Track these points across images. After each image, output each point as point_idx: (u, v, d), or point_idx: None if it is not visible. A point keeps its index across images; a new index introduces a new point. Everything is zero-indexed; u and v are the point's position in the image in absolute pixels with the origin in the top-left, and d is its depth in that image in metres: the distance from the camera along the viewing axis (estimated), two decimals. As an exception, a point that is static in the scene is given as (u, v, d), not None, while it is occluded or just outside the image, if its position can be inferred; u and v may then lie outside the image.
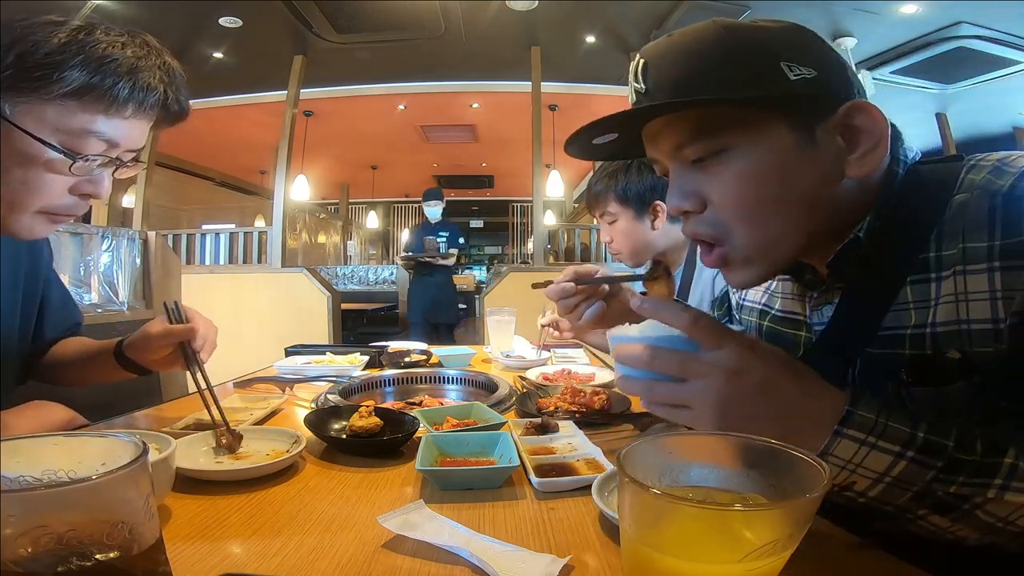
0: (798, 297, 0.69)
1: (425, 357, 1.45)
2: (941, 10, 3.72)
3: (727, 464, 0.40)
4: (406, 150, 7.93)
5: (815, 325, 0.65)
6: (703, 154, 0.55)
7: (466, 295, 11.38)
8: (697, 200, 0.57)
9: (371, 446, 0.78)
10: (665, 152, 0.59)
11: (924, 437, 0.44)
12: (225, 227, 5.39)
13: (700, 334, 0.48)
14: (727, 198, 0.55)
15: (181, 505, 0.59)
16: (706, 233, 0.58)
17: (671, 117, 0.56)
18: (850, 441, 0.45)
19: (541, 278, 0.96)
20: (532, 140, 4.53)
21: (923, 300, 0.52)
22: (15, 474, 0.34)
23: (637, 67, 0.57)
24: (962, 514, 0.45)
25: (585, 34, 4.43)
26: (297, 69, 4.61)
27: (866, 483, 0.46)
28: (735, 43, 0.53)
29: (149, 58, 0.70)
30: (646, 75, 0.56)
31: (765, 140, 0.53)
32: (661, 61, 0.56)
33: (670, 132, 0.57)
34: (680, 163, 0.58)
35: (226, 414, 0.93)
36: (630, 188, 1.38)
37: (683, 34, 0.56)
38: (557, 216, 9.12)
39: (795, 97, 0.52)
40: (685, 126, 0.55)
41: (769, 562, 0.32)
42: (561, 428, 0.82)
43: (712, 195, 0.56)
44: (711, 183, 0.56)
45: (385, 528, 0.52)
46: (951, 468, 0.44)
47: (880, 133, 0.53)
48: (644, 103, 0.56)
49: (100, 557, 0.31)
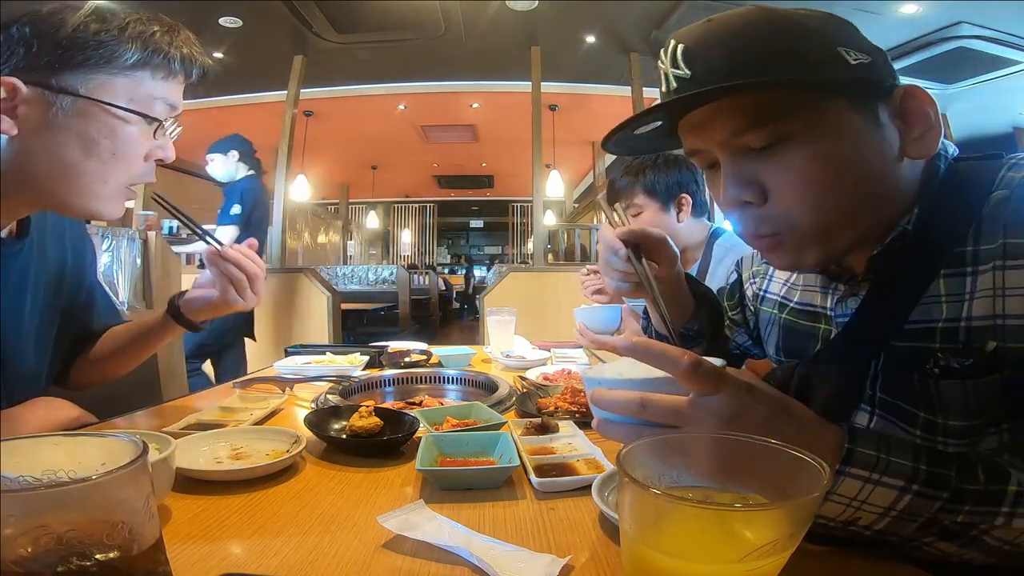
0: (820, 289, 0.69)
1: (425, 357, 1.45)
2: (941, 10, 3.72)
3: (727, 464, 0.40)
4: (406, 150, 7.93)
5: (838, 318, 0.64)
6: (768, 141, 0.53)
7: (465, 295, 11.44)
8: (758, 190, 0.55)
9: (371, 446, 0.78)
10: (716, 141, 0.56)
11: (927, 470, 0.44)
12: (225, 227, 5.39)
13: (697, 382, 0.45)
14: (794, 186, 0.53)
15: (181, 505, 0.59)
16: (768, 229, 0.56)
17: (725, 104, 0.54)
18: (854, 480, 0.44)
19: (541, 278, 0.96)
20: (532, 140, 4.53)
21: (957, 294, 0.52)
22: (15, 474, 0.34)
23: (675, 52, 0.55)
24: (969, 540, 0.45)
25: (585, 34, 4.43)
26: (297, 69, 4.60)
27: (872, 518, 0.45)
28: (789, 28, 0.52)
29: (176, 31, 0.75)
30: (688, 60, 0.54)
31: (834, 124, 0.52)
32: (706, 46, 0.53)
33: (724, 120, 0.54)
34: (735, 152, 0.55)
35: (226, 414, 0.94)
36: (658, 181, 1.45)
37: (726, 19, 0.54)
38: (557, 216, 9.12)
39: (863, 81, 0.52)
40: (743, 113, 0.53)
41: (769, 562, 0.32)
42: (561, 428, 0.82)
43: (776, 183, 0.54)
44: (774, 171, 0.54)
45: (385, 528, 0.52)
46: (956, 498, 0.43)
47: (935, 115, 0.53)
48: (690, 89, 0.53)
49: (100, 557, 0.31)
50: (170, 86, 0.74)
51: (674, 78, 0.55)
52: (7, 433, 0.35)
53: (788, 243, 0.56)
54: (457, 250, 15.22)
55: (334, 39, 4.33)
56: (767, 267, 0.84)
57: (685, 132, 0.60)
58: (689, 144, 0.60)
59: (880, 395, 0.58)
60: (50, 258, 0.89)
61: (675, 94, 0.55)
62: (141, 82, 0.71)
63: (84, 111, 0.68)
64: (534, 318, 3.77)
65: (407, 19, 4.06)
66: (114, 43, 0.68)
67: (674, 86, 0.55)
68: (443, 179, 10.47)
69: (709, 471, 0.41)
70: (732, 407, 0.45)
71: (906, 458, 0.44)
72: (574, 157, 7.62)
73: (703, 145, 0.58)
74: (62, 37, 0.66)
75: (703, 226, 1.51)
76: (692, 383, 0.45)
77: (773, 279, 0.82)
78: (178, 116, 0.78)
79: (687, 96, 0.52)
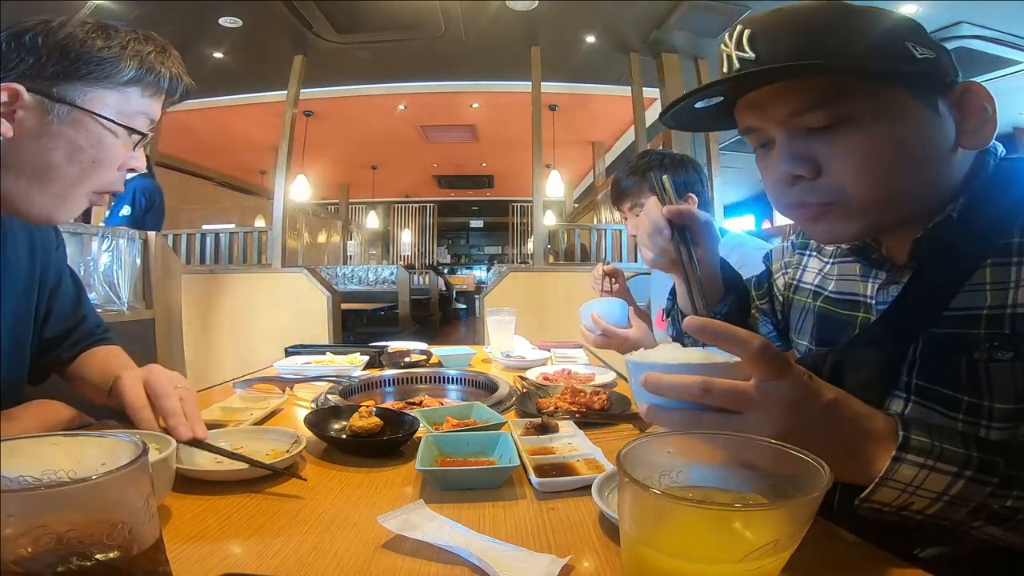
0: (860, 278, 0.70)
1: (425, 357, 1.45)
2: (941, 10, 3.72)
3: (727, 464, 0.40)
4: (406, 150, 7.93)
5: (878, 305, 0.66)
6: (828, 121, 0.56)
7: (466, 295, 11.45)
8: (812, 166, 0.57)
9: (371, 446, 0.78)
10: (776, 119, 0.59)
11: (978, 456, 0.46)
12: (225, 227, 5.39)
13: (764, 366, 0.45)
14: (851, 164, 0.56)
15: (181, 505, 0.59)
16: (817, 199, 0.58)
17: (788, 85, 0.57)
18: (910, 466, 0.46)
19: (541, 278, 0.96)
20: (532, 140, 4.53)
21: (1002, 282, 0.54)
22: (15, 474, 0.34)
23: (741, 36, 0.57)
24: (1015, 524, 0.46)
25: (585, 34, 4.43)
26: (297, 69, 4.60)
27: (924, 503, 0.47)
28: (860, 20, 0.55)
29: (167, 52, 0.80)
30: (754, 43, 0.56)
31: (894, 110, 0.55)
32: (774, 31, 0.56)
33: (786, 99, 0.57)
34: (792, 130, 0.58)
35: (226, 414, 0.94)
36: None
37: (796, 9, 0.57)
38: (557, 216, 9.12)
39: (926, 74, 0.55)
40: (806, 94, 0.56)
41: (769, 562, 0.32)
42: (561, 428, 0.82)
43: (831, 161, 0.57)
44: (831, 150, 0.56)
45: (385, 528, 0.52)
46: (1006, 483, 0.45)
47: (992, 110, 0.56)
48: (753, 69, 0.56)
49: (100, 557, 0.31)
50: (154, 103, 0.79)
51: (738, 59, 0.57)
52: (4, 435, 0.35)
53: (836, 213, 0.58)
54: (457, 250, 15.22)
55: (334, 39, 4.33)
56: (800, 258, 0.86)
57: (743, 110, 0.62)
58: (746, 122, 0.63)
59: (916, 381, 0.60)
60: (19, 258, 0.89)
61: (762, 68, 0.56)
62: (130, 97, 0.76)
63: (77, 120, 0.72)
64: (534, 318, 3.77)
65: (407, 19, 4.06)
66: (115, 59, 0.73)
67: (737, 66, 0.58)
68: (443, 179, 10.47)
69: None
70: (796, 393, 0.46)
71: (957, 445, 0.46)
72: (574, 157, 7.62)
73: (760, 123, 0.61)
74: (70, 50, 0.70)
75: None
76: (759, 367, 0.46)
77: (807, 269, 0.84)
78: (153, 129, 0.83)
79: (760, 71, 0.54)
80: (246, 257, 4.75)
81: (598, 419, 0.92)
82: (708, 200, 1.49)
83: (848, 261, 0.73)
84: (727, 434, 0.41)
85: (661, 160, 1.47)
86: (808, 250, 0.85)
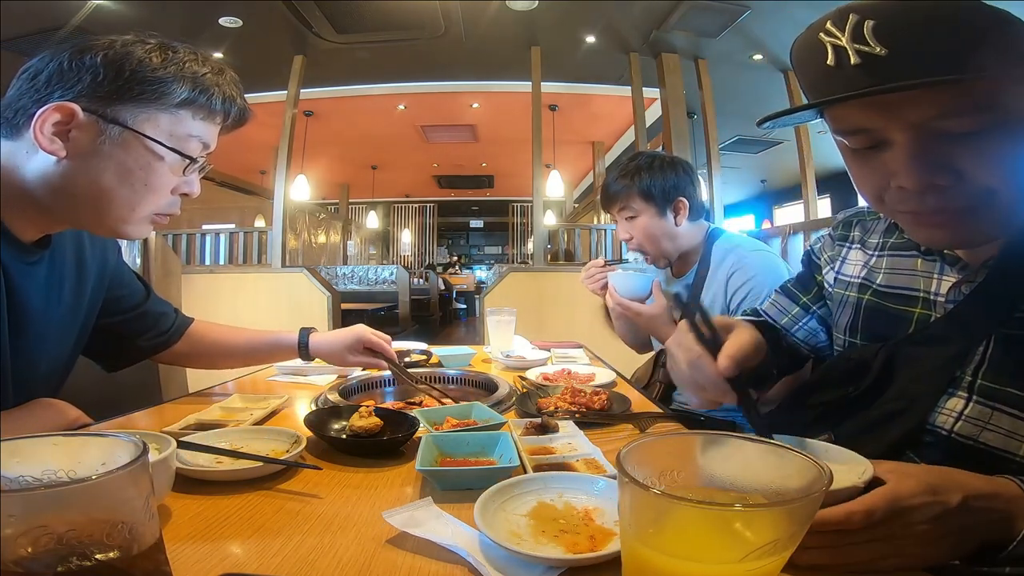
0: (922, 273, 0.69)
1: (425, 357, 1.45)
2: None
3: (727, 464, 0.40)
4: (406, 150, 7.93)
5: (948, 303, 0.64)
6: (975, 128, 0.52)
7: (466, 295, 11.45)
8: (952, 174, 0.53)
9: (371, 446, 0.78)
10: (907, 121, 0.53)
11: None
12: (225, 227, 5.40)
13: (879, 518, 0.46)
14: (1001, 170, 0.53)
15: (181, 505, 0.59)
16: (956, 204, 0.55)
17: (931, 87, 0.51)
18: None
19: (541, 278, 0.96)
20: (532, 140, 4.53)
21: None
22: (15, 474, 0.34)
23: (860, 27, 0.52)
24: None
25: (585, 34, 4.42)
26: (297, 69, 4.60)
27: None
28: (997, 20, 0.51)
29: (224, 73, 0.80)
30: (884, 36, 0.51)
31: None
32: (904, 25, 0.51)
33: (928, 102, 0.52)
34: (926, 135, 0.53)
35: (226, 414, 0.94)
36: (654, 185, 1.41)
37: (918, 2, 0.52)
38: (557, 216, 9.12)
39: None
40: (949, 98, 0.51)
41: (769, 562, 0.32)
42: (561, 428, 0.82)
43: (976, 167, 0.53)
44: (975, 156, 0.53)
45: (385, 528, 0.52)
46: None
47: None
48: (889, 67, 0.51)
49: (100, 557, 0.31)
50: (207, 126, 0.78)
51: (857, 53, 0.52)
52: (5, 435, 0.35)
53: (980, 214, 0.55)
54: (457, 250, 15.22)
55: (334, 39, 4.33)
56: (840, 249, 0.84)
57: (856, 109, 0.56)
58: (856, 122, 0.56)
59: (981, 381, 0.59)
60: (71, 263, 0.89)
61: (863, 71, 0.52)
62: (182, 120, 0.75)
63: (127, 142, 0.72)
64: (534, 318, 3.78)
65: (407, 19, 4.06)
66: (170, 80, 0.72)
67: (856, 61, 0.52)
68: (443, 179, 10.46)
69: None
70: (926, 513, 0.46)
71: None
72: (574, 157, 7.62)
73: (879, 124, 0.55)
74: (127, 71, 0.70)
75: (700, 228, 1.49)
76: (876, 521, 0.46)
77: (846, 261, 0.83)
78: (209, 154, 0.82)
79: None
80: (246, 257, 4.76)
81: (598, 419, 0.92)
82: (700, 203, 1.46)
83: (904, 255, 0.71)
84: (727, 434, 0.41)
85: (650, 163, 1.43)
86: (848, 242, 0.83)
